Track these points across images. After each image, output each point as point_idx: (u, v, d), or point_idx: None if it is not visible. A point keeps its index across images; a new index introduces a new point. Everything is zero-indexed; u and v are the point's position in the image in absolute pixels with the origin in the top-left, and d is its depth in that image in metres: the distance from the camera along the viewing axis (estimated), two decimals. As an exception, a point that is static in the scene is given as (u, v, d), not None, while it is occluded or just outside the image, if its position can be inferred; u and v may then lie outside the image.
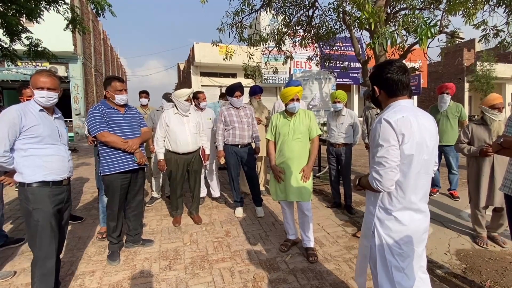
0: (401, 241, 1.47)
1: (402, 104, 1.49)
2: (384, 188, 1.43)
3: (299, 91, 2.74)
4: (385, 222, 1.50)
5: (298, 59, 14.33)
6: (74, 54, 13.45)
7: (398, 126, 1.39)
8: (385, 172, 1.41)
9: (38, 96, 2.05)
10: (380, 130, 1.43)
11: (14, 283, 2.40)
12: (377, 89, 1.59)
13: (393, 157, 1.40)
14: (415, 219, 1.49)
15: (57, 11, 5.88)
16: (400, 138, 1.40)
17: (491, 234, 3.05)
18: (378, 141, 1.44)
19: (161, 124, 3.43)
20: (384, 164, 1.41)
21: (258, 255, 2.81)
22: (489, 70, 17.99)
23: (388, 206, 1.50)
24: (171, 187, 3.63)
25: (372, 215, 1.56)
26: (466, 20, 3.92)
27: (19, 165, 1.97)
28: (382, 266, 1.52)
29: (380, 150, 1.43)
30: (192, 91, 3.52)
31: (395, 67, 1.49)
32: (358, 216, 3.77)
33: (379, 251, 1.52)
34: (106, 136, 2.53)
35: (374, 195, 1.57)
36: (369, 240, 1.58)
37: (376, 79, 1.58)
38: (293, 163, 2.71)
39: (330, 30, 5.82)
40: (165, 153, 3.47)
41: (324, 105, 7.04)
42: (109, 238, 2.77)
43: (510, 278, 2.42)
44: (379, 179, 1.42)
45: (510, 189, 2.08)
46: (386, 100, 1.57)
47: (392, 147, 1.40)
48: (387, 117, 1.43)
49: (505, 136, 2.12)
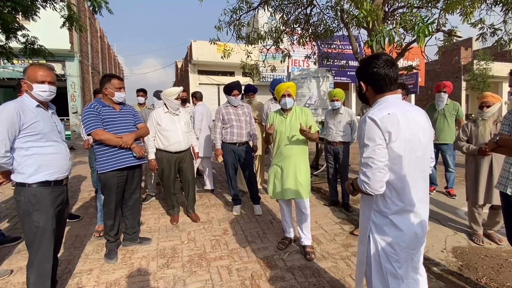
0: (397, 247, 1.39)
1: (389, 100, 1.41)
2: (373, 190, 1.34)
3: (289, 86, 2.74)
4: (381, 226, 1.41)
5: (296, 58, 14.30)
6: (71, 52, 13.36)
7: (384, 123, 1.31)
8: (373, 174, 1.32)
9: (40, 90, 1.95)
10: (365, 129, 1.36)
11: (11, 281, 2.39)
12: (363, 85, 1.50)
13: (380, 157, 1.31)
14: (413, 222, 1.40)
15: (53, 8, 5.83)
16: (386, 136, 1.32)
17: (487, 231, 3.08)
18: (363, 140, 1.36)
19: (151, 123, 3.35)
20: (370, 165, 1.32)
21: (256, 253, 2.82)
22: (485, 69, 18.08)
23: (383, 209, 1.41)
24: (165, 186, 3.61)
25: (368, 219, 1.47)
26: (463, 18, 3.93)
27: (20, 165, 1.89)
28: (377, 272, 1.44)
29: (366, 150, 1.35)
30: (181, 89, 3.49)
31: (381, 61, 1.40)
32: (355, 214, 3.78)
33: (374, 257, 1.44)
34: (100, 134, 2.51)
35: (368, 198, 1.47)
36: (364, 245, 1.50)
37: (362, 74, 1.49)
38: (291, 161, 2.71)
39: (328, 28, 5.81)
40: (156, 152, 3.41)
41: (322, 103, 7.04)
42: (107, 237, 2.77)
43: (506, 275, 2.44)
44: (367, 181, 1.34)
45: (505, 186, 2.10)
46: (374, 96, 1.49)
47: (379, 146, 1.32)
48: (372, 114, 1.35)
49: (500, 134, 2.14)
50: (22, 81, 1.98)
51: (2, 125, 1.79)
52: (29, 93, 1.97)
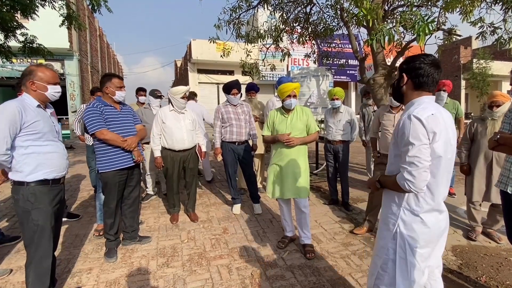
0: (423, 242, 1.44)
1: (426, 100, 1.44)
2: (417, 189, 1.36)
3: (296, 87, 2.72)
4: (410, 224, 1.44)
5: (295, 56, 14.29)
6: (70, 51, 13.32)
7: (429, 123, 1.33)
8: (419, 173, 1.33)
9: (54, 91, 2.03)
10: (410, 128, 1.36)
11: (10, 281, 2.39)
12: (405, 77, 1.50)
13: (425, 156, 1.33)
14: (439, 219, 1.46)
15: (52, 7, 5.80)
16: (431, 136, 1.34)
17: (487, 230, 3.09)
18: (408, 139, 1.36)
19: (157, 121, 3.41)
20: (417, 164, 1.33)
21: (255, 252, 2.82)
22: (485, 68, 18.08)
23: (415, 207, 1.44)
24: (168, 185, 3.62)
25: (395, 217, 1.49)
26: (463, 17, 3.92)
27: (19, 163, 1.90)
28: (400, 268, 1.48)
29: (411, 149, 1.35)
30: (188, 88, 3.50)
31: (430, 60, 1.43)
32: (355, 213, 3.79)
33: (399, 253, 1.47)
34: (106, 134, 2.52)
35: (398, 196, 1.49)
36: (386, 241, 1.52)
37: (407, 66, 1.50)
38: (290, 160, 2.70)
39: (328, 27, 5.79)
40: (161, 150, 3.45)
41: (322, 102, 7.04)
42: (106, 236, 2.77)
43: (505, 274, 2.45)
44: (412, 180, 1.34)
45: (506, 185, 2.10)
46: (411, 92, 1.49)
47: (424, 146, 1.33)
48: (417, 113, 1.36)
49: (501, 132, 2.14)
50: (29, 82, 1.95)
51: (4, 123, 1.80)
52: (32, 93, 1.97)
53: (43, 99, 2.02)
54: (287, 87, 2.69)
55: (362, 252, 2.79)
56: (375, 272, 1.60)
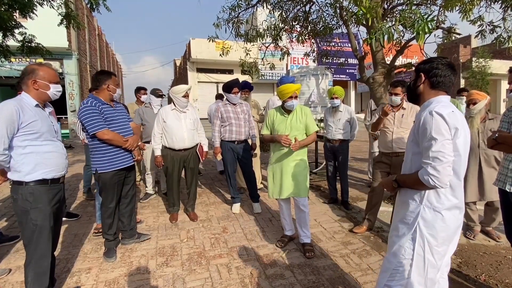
0: (441, 240, 1.45)
1: (444, 100, 1.48)
2: (441, 184, 1.35)
3: (297, 89, 2.70)
4: (430, 221, 1.45)
5: (295, 55, 14.30)
6: (69, 50, 13.29)
7: (451, 119, 1.36)
8: (443, 168, 1.33)
9: (56, 90, 2.03)
10: (433, 123, 1.37)
11: (9, 281, 2.38)
12: (423, 76, 1.53)
13: (449, 151, 1.34)
14: (458, 218, 1.48)
15: (51, 6, 5.78)
16: (453, 132, 1.36)
17: (485, 228, 3.09)
18: (431, 134, 1.37)
19: (158, 120, 3.41)
20: (441, 159, 1.33)
21: (255, 251, 2.82)
22: (484, 67, 18.08)
23: (436, 204, 1.44)
24: (168, 184, 3.62)
25: (415, 214, 1.48)
26: (462, 15, 3.91)
27: (17, 163, 1.89)
28: (417, 265, 1.48)
29: (435, 144, 1.36)
30: (189, 87, 3.49)
31: (446, 61, 1.50)
32: (354, 211, 3.79)
33: (417, 250, 1.47)
34: (107, 134, 2.49)
35: (417, 194, 1.49)
36: (404, 240, 1.52)
37: (424, 66, 1.54)
38: (290, 160, 2.70)
39: (327, 25, 5.79)
40: (162, 149, 3.45)
41: (321, 101, 7.04)
42: (105, 236, 2.76)
43: (505, 272, 2.45)
44: (437, 175, 1.34)
45: (504, 183, 2.10)
46: (428, 91, 1.53)
47: (447, 141, 1.35)
48: (438, 110, 1.38)
49: (500, 131, 2.14)
50: (31, 81, 1.93)
51: (1, 123, 1.79)
52: (34, 92, 1.95)
53: (45, 98, 2.01)
54: (289, 89, 2.65)
55: (361, 251, 2.80)
56: (389, 269, 1.59)
